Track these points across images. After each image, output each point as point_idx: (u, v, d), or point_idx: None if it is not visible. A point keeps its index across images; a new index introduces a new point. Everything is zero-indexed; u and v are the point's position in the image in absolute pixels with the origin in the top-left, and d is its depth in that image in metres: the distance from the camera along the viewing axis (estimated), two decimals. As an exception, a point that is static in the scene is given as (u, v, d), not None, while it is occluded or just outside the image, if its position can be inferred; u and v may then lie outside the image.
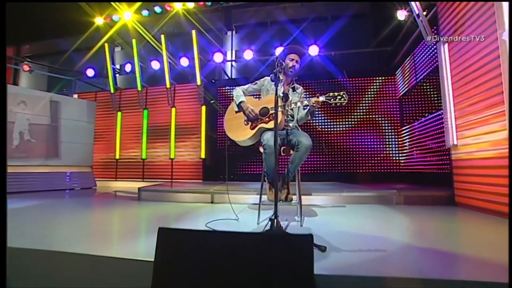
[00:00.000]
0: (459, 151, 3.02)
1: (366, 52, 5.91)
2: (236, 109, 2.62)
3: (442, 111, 3.74)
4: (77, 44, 7.03)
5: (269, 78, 2.70)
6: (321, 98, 2.30)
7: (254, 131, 2.50)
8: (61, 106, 5.48)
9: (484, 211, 2.64)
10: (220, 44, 7.02)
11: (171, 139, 6.42)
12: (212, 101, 6.23)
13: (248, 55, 5.83)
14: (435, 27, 3.41)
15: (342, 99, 2.25)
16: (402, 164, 5.17)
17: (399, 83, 5.27)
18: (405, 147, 5.03)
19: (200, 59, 6.06)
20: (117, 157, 6.81)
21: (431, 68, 3.87)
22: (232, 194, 3.74)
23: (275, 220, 1.89)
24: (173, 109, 6.49)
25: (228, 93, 6.30)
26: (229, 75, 6.89)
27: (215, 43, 6.66)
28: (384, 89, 5.49)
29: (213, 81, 6.48)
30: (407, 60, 4.75)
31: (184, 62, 6.26)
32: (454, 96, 3.06)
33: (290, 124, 2.60)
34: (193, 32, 6.01)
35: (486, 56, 2.55)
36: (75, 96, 7.08)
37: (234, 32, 7.42)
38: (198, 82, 6.12)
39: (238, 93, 2.64)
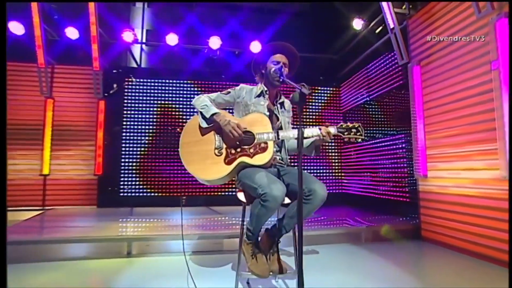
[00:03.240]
0: (429, 183, 3.10)
1: (305, 57, 5.83)
2: (205, 125, 1.84)
3: (399, 136, 3.92)
4: None
5: (247, 86, 2.03)
6: (332, 130, 1.83)
7: (231, 167, 1.79)
8: None
9: (456, 249, 2.75)
10: (125, 19, 5.66)
11: (45, 145, 4.67)
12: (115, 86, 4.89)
13: (172, 40, 4.80)
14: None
15: (358, 133, 1.84)
16: (346, 185, 5.31)
17: (345, 97, 5.38)
18: (350, 167, 5.17)
19: (99, 34, 4.62)
20: None
21: (388, 88, 3.98)
22: (157, 239, 2.82)
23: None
24: (50, 101, 4.74)
25: (139, 87, 5.06)
26: (138, 62, 5.61)
27: (121, 10, 5.26)
28: (326, 101, 5.52)
29: (120, 70, 5.10)
30: (358, 73, 4.85)
31: (72, 33, 4.66)
32: (425, 123, 3.13)
33: (277, 157, 2.00)
34: (90, -8, 4.51)
35: (471, 89, 2.62)
36: None
37: (145, 5, 6.17)
38: (96, 66, 4.66)
39: (204, 101, 1.89)
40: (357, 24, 4.31)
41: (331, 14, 5.22)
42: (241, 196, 1.89)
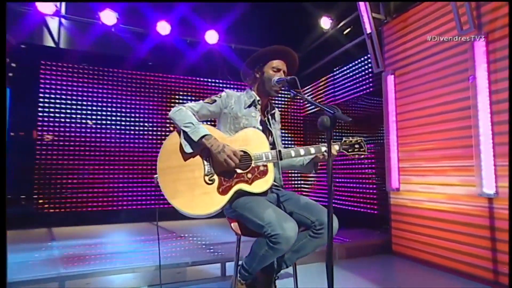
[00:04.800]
0: (401, 197, 3.23)
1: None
2: (190, 150, 1.53)
3: (368, 145, 4.02)
4: None
5: (234, 93, 1.79)
6: (336, 147, 1.77)
7: (227, 197, 1.56)
8: None
9: (427, 264, 2.91)
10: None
11: None
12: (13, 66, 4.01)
13: (109, 18, 4.12)
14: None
15: (362, 149, 1.79)
16: (305, 192, 5.33)
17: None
18: (312, 175, 5.19)
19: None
20: None
21: (357, 94, 4.06)
22: (101, 273, 2.36)
23: None
24: None
25: (62, 73, 4.24)
26: (56, 40, 4.70)
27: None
28: (284, 102, 5.46)
29: (23, 46, 4.18)
30: (323, 75, 4.80)
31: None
32: (398, 135, 3.25)
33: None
34: None
35: (448, 104, 2.76)
36: None
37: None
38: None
39: (187, 117, 1.61)
40: (325, 23, 4.30)
41: (294, 8, 5.12)
42: (235, 226, 1.65)
